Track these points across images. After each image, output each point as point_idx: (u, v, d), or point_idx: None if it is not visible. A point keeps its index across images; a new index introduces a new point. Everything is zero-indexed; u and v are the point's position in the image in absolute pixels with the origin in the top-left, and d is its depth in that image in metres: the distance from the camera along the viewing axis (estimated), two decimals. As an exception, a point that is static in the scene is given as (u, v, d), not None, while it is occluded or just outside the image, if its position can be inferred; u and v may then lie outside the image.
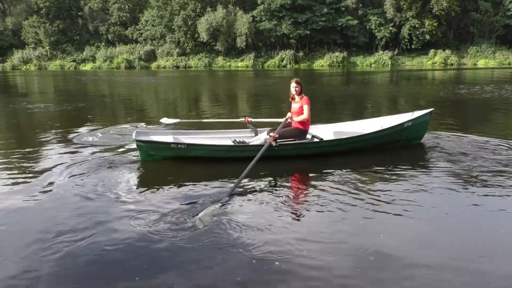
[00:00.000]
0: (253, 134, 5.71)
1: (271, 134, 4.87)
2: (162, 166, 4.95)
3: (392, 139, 5.64)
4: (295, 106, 5.34)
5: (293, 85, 5.32)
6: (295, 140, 5.24)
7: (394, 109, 10.84)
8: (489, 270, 2.53)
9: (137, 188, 4.11)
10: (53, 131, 7.43)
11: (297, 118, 5.26)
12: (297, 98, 5.32)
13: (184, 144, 5.05)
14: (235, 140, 5.55)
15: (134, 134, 5.20)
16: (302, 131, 5.29)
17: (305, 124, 5.30)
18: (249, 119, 5.75)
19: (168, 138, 5.51)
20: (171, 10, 48.54)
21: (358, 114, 9.67)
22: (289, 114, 5.36)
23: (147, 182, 4.37)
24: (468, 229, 3.18)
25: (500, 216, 3.35)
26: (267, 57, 46.99)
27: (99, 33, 55.34)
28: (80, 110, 10.84)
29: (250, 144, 5.29)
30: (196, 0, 47.70)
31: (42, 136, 6.87)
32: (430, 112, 5.77)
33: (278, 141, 4.86)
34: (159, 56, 50.33)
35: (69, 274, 2.56)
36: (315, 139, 5.32)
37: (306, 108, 5.21)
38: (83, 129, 7.53)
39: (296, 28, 45.17)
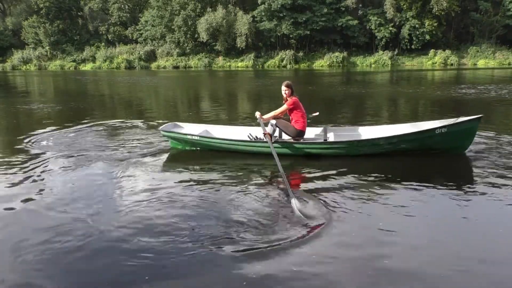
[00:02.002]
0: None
1: (264, 132, 5.18)
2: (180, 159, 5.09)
3: (420, 146, 5.05)
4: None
5: (283, 88, 5.46)
6: (291, 139, 5.34)
7: (397, 110, 10.84)
8: None
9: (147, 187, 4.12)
10: (51, 129, 7.43)
11: (265, 116, 5.45)
12: (289, 100, 5.41)
13: (197, 136, 5.53)
14: (256, 137, 5.64)
15: (167, 125, 5.87)
16: (298, 132, 5.32)
17: (299, 125, 5.34)
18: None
19: (194, 130, 5.95)
20: (171, 10, 48.50)
21: (361, 115, 9.66)
22: (257, 113, 5.53)
23: (159, 180, 4.38)
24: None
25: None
26: (267, 57, 46.93)
27: (99, 33, 55.31)
28: (79, 110, 10.84)
29: (251, 139, 5.51)
30: (196, 0, 47.66)
31: (39, 135, 6.87)
32: (478, 118, 4.87)
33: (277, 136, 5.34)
34: (159, 56, 50.31)
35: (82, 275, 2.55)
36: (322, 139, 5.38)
37: (282, 107, 5.40)
38: (81, 128, 7.54)
39: (296, 28, 45.12)
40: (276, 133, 5.39)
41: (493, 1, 42.21)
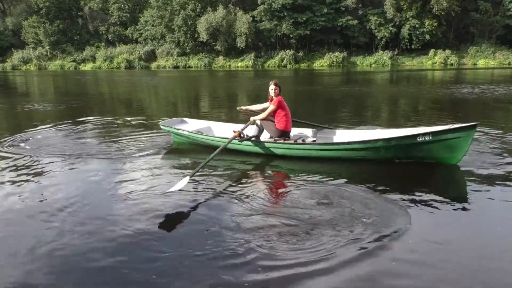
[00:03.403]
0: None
1: (235, 130, 5.25)
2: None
3: (403, 154, 4.58)
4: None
5: (272, 87, 5.28)
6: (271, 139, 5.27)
7: (397, 110, 10.83)
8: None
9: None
10: (49, 128, 7.44)
11: (255, 117, 5.37)
12: (275, 99, 5.27)
13: (186, 131, 5.71)
14: (246, 135, 5.52)
15: (171, 120, 6.28)
16: (280, 132, 5.24)
17: (281, 124, 5.24)
18: None
19: (197, 126, 6.15)
20: (171, 10, 48.52)
21: (360, 116, 9.65)
22: (252, 118, 5.43)
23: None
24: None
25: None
26: (267, 57, 46.94)
27: (99, 33, 55.34)
28: (79, 109, 10.83)
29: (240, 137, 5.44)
30: (196, 0, 47.67)
31: (37, 134, 6.87)
32: (471, 126, 4.16)
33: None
34: (159, 56, 50.32)
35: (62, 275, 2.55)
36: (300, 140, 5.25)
37: (269, 108, 5.26)
38: (80, 127, 7.54)
39: (296, 28, 45.14)
40: (257, 133, 5.37)
41: (493, 1, 42.21)
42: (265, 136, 5.44)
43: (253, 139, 5.22)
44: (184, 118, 6.57)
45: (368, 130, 5.72)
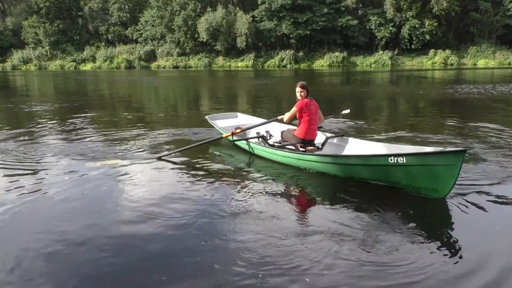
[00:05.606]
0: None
1: (236, 129, 5.30)
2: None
3: (377, 177, 3.86)
4: None
5: (298, 89, 4.74)
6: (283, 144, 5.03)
7: (396, 112, 10.82)
8: None
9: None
10: (48, 127, 7.44)
11: (285, 117, 4.90)
12: (299, 101, 4.80)
13: (217, 126, 5.99)
14: (258, 133, 5.46)
15: (222, 114, 6.92)
16: (299, 140, 4.78)
17: (299, 131, 4.77)
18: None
19: (242, 122, 6.40)
20: (171, 10, 48.53)
21: (358, 117, 9.65)
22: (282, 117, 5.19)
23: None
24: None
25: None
26: (267, 57, 46.95)
27: (99, 33, 55.33)
28: (79, 108, 10.83)
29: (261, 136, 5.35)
30: (196, 0, 47.67)
31: (36, 133, 6.89)
32: (460, 152, 3.19)
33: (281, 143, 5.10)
34: (159, 56, 50.31)
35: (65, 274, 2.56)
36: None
37: (291, 110, 4.74)
38: (80, 125, 7.54)
39: (296, 28, 45.16)
40: (271, 139, 5.28)
41: (493, 1, 42.23)
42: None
43: (249, 138, 5.20)
44: (238, 113, 6.93)
45: (384, 143, 4.74)
